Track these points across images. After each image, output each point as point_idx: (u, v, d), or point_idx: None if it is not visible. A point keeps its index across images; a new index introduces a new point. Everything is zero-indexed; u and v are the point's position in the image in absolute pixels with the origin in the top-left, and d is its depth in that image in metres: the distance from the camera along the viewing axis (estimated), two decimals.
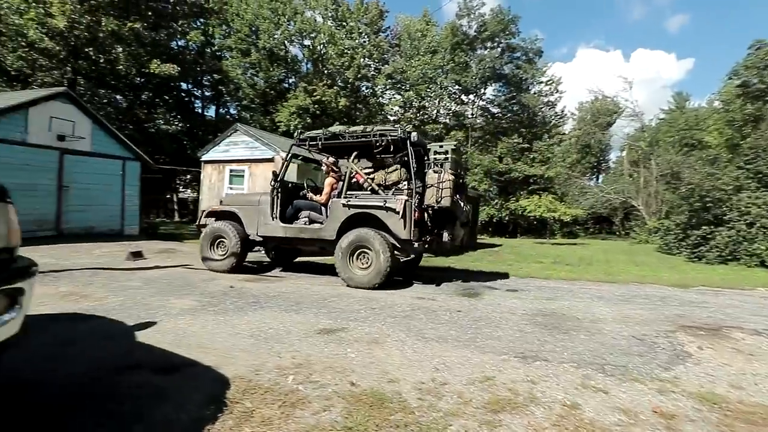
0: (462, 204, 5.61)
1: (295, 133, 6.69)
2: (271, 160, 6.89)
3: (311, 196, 6.27)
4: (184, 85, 26.66)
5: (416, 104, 33.68)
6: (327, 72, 29.38)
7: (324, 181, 6.28)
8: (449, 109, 36.49)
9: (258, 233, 6.18)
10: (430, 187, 5.32)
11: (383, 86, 33.27)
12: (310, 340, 3.05)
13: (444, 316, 3.94)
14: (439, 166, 5.41)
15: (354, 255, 5.41)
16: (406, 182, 5.55)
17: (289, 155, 6.39)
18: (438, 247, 5.88)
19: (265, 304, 4.18)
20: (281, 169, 6.24)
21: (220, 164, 13.27)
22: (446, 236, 5.52)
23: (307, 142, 6.17)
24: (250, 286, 5.17)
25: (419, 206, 5.33)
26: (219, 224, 6.35)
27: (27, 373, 2.25)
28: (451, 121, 35.53)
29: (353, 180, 5.84)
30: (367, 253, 5.32)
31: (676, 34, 76.14)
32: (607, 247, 19.52)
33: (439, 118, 36.05)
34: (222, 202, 7.08)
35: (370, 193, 5.71)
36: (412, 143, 5.46)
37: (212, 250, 6.33)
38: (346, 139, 5.85)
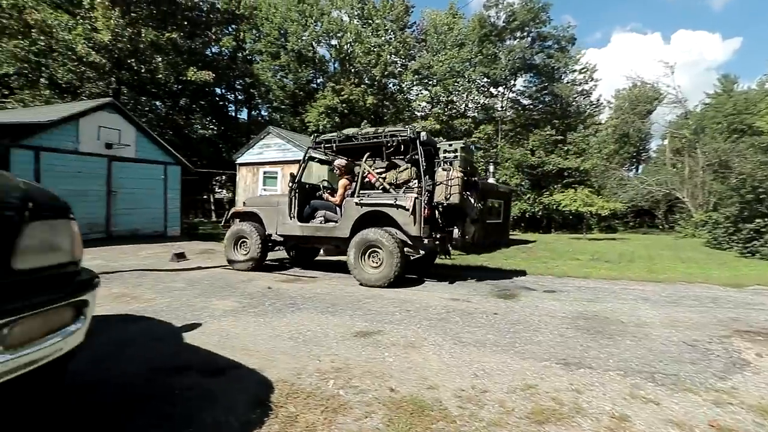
0: (472, 201, 5.69)
1: (311, 137, 6.93)
2: (313, 160, 7.15)
3: (327, 197, 6.52)
4: (218, 90, 27.59)
5: (444, 99, 33.22)
6: (354, 71, 29.54)
7: (338, 182, 6.50)
8: (478, 103, 35.81)
9: (277, 232, 6.48)
10: (439, 185, 5.42)
11: (410, 82, 33.05)
12: (348, 343, 3.10)
13: (480, 319, 3.88)
14: (449, 164, 5.50)
15: (366, 254, 5.57)
16: (416, 180, 5.66)
17: (306, 158, 6.68)
18: (445, 246, 5.96)
19: (302, 305, 4.28)
20: (298, 171, 6.53)
21: (254, 166, 13.68)
22: (456, 233, 5.60)
23: (323, 145, 6.43)
24: (287, 287, 5.30)
25: (429, 203, 5.43)
26: (241, 225, 6.68)
27: (87, 373, 2.41)
28: (479, 115, 34.83)
29: (366, 180, 6.01)
30: (378, 252, 5.46)
31: (720, 12, 71.06)
32: (650, 242, 18.58)
33: (468, 112, 35.44)
34: (245, 203, 7.42)
35: (381, 191, 5.86)
36: (422, 143, 5.59)
37: (236, 249, 6.67)
38: (359, 141, 6.06)
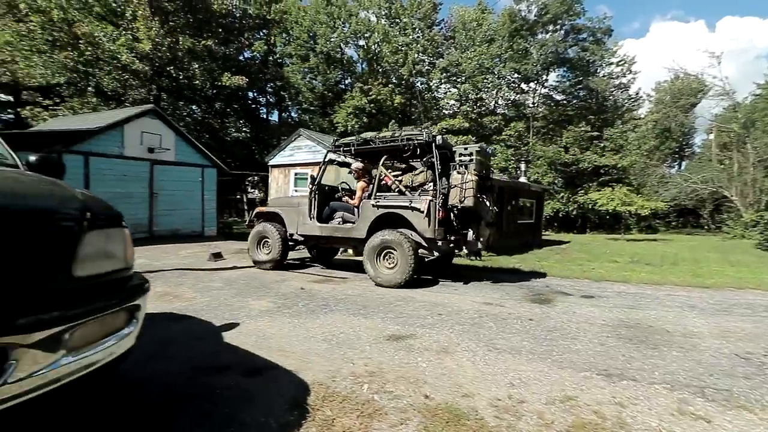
0: (487, 204, 5.72)
1: (331, 141, 7.15)
2: (332, 163, 7.37)
3: (346, 199, 6.71)
4: (251, 94, 28.40)
5: (473, 97, 32.66)
6: (382, 70, 29.61)
7: (357, 185, 6.66)
8: (508, 100, 34.97)
9: (298, 232, 6.71)
10: (454, 188, 5.47)
11: (438, 81, 32.75)
12: (380, 347, 3.11)
13: (515, 324, 3.80)
14: (464, 168, 5.53)
15: (381, 255, 5.68)
16: (431, 183, 5.73)
17: (325, 160, 6.88)
18: (461, 248, 5.98)
19: (335, 307, 4.34)
20: (318, 174, 6.76)
21: (286, 168, 14.00)
22: (471, 235, 5.63)
23: (342, 148, 6.62)
24: (319, 288, 5.40)
25: (443, 206, 5.48)
26: (264, 225, 6.94)
27: (137, 371, 2.54)
28: (510, 112, 34.02)
29: (382, 182, 6.12)
30: (393, 253, 5.57)
31: None
32: (694, 244, 17.53)
33: (497, 110, 34.69)
34: (267, 204, 7.68)
35: (397, 194, 5.97)
36: (437, 146, 5.65)
37: (259, 249, 6.96)
38: (376, 144, 6.18)
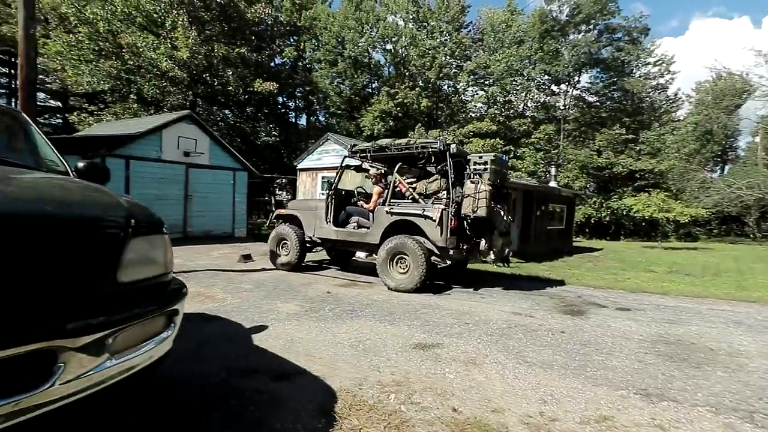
0: (501, 213, 5.67)
1: (348, 146, 7.35)
2: (349, 168, 7.51)
3: (362, 203, 6.79)
4: (280, 99, 29.06)
5: (501, 99, 32.10)
6: (408, 74, 29.58)
7: (374, 189, 6.74)
8: (537, 102, 34.13)
9: (315, 235, 6.85)
10: (467, 197, 5.44)
11: (465, 83, 32.38)
12: (407, 355, 3.10)
13: (545, 337, 3.69)
14: (478, 177, 5.51)
15: (393, 260, 5.75)
16: (445, 192, 5.73)
17: (342, 165, 7.02)
18: (476, 255, 5.93)
19: (361, 312, 4.36)
20: (335, 178, 6.87)
21: (313, 172, 14.21)
22: (483, 245, 5.60)
23: (359, 154, 6.75)
24: (345, 292, 5.44)
25: (456, 215, 5.46)
26: (283, 227, 7.14)
27: (173, 371, 2.64)
28: (539, 114, 33.18)
29: (397, 189, 6.16)
30: (405, 259, 5.62)
31: None
32: (738, 253, 16.47)
33: (527, 112, 33.93)
34: (287, 206, 7.87)
35: (411, 201, 5.99)
36: (452, 154, 5.68)
37: (278, 250, 7.17)
38: (392, 151, 6.27)
